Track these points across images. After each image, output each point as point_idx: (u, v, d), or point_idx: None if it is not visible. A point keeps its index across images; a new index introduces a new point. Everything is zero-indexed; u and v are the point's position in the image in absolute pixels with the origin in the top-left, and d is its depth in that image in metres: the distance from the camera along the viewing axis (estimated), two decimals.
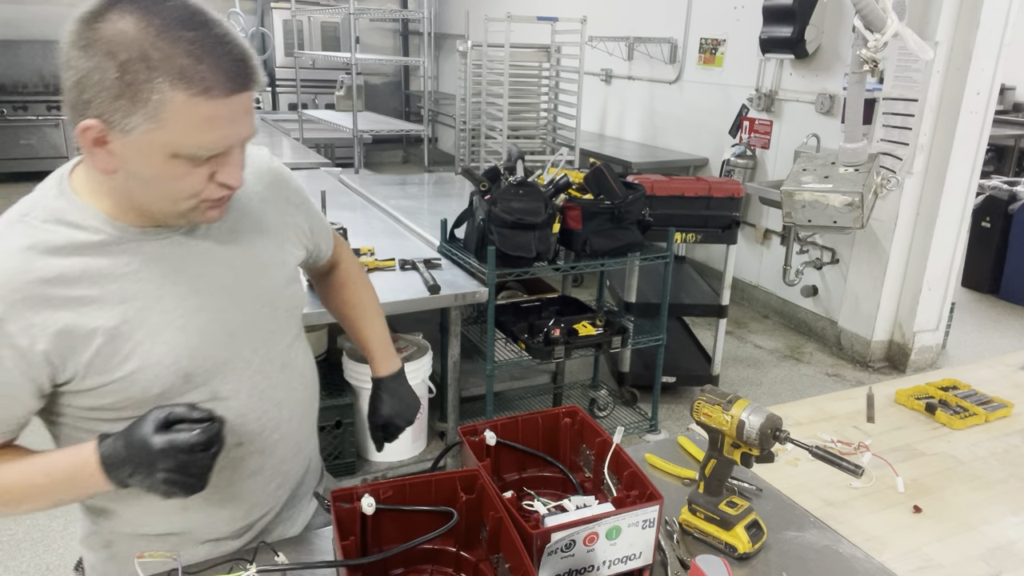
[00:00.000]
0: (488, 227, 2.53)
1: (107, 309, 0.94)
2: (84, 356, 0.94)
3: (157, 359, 0.97)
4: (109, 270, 0.95)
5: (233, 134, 0.90)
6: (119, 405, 0.98)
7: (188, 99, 0.83)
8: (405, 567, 1.07)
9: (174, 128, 0.85)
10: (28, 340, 0.90)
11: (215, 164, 0.92)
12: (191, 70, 0.83)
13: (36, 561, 2.42)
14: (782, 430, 1.13)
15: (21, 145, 7.46)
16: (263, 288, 1.10)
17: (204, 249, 1.03)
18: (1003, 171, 6.58)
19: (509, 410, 3.27)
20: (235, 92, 0.87)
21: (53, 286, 0.92)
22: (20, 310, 0.90)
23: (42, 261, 0.92)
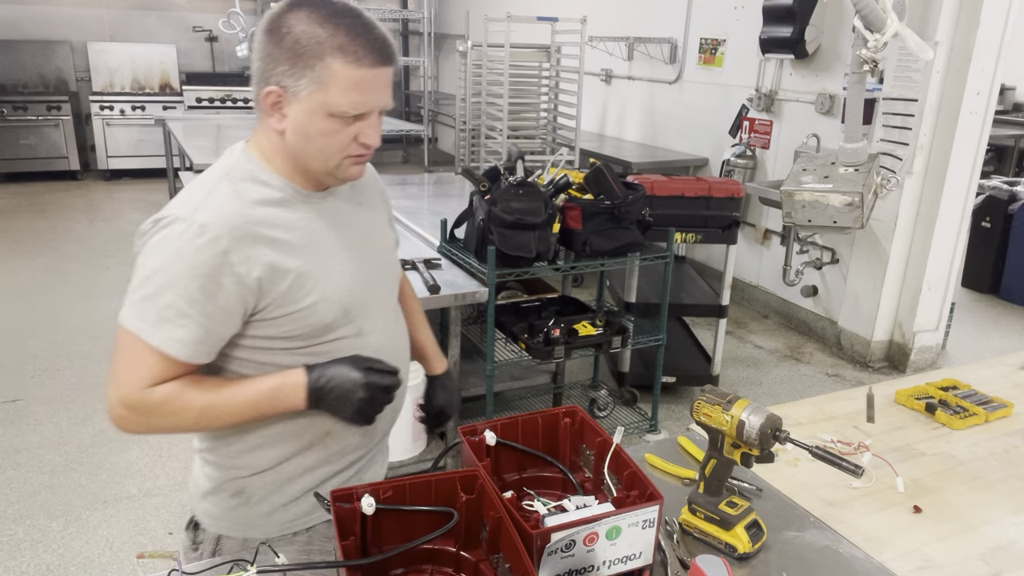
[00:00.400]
0: (488, 227, 2.53)
1: (296, 251, 1.16)
2: (281, 287, 1.13)
3: (328, 294, 1.18)
4: (292, 221, 1.17)
5: (374, 100, 1.12)
6: (295, 333, 1.17)
7: (344, 66, 1.07)
8: (405, 567, 1.07)
9: (332, 89, 1.08)
10: (246, 268, 1.10)
11: (359, 126, 1.13)
12: (348, 44, 1.07)
13: (36, 561, 2.42)
14: (782, 430, 1.13)
15: (21, 145, 7.46)
16: (383, 249, 1.36)
17: (347, 211, 1.27)
18: (1003, 171, 6.58)
19: (509, 410, 3.27)
20: (378, 65, 1.10)
21: (262, 227, 1.13)
22: (241, 244, 1.10)
23: (250, 207, 1.13)
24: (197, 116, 7.24)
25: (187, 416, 1.13)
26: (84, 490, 2.78)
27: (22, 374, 3.65)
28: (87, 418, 3.27)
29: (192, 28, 8.43)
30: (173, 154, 6.33)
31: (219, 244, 1.08)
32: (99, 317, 4.35)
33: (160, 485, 2.82)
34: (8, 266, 5.17)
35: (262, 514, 1.27)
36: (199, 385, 1.13)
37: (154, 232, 1.10)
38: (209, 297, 1.09)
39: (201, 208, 1.10)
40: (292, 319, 1.16)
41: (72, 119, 7.56)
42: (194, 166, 4.34)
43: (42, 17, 7.83)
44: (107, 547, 2.49)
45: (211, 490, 1.28)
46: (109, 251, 5.56)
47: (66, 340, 4.03)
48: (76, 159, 7.69)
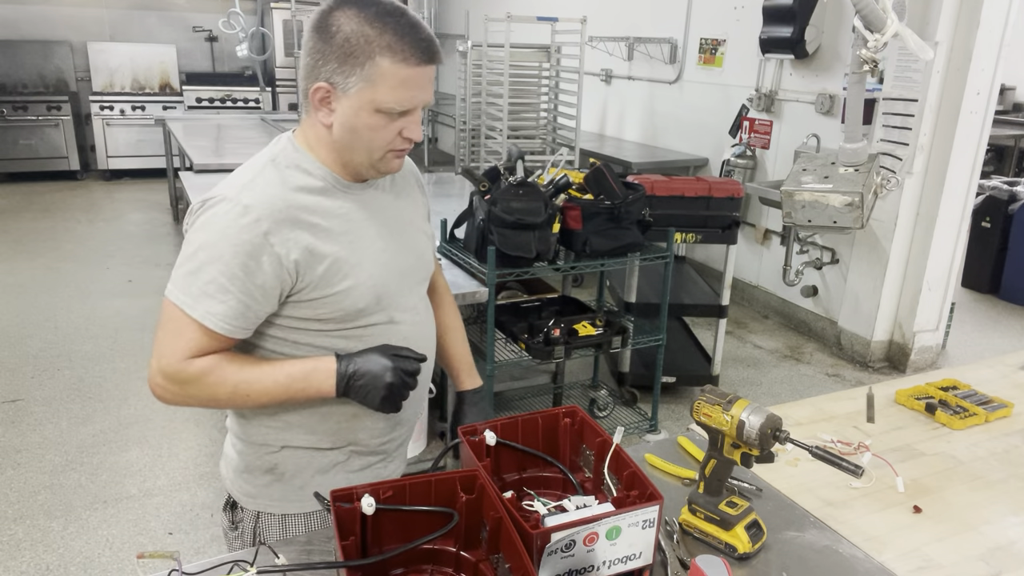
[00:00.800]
0: (488, 227, 2.53)
1: (333, 237, 1.20)
2: (318, 271, 1.18)
3: (362, 281, 1.22)
4: (332, 209, 1.21)
5: (420, 96, 1.17)
6: (328, 316, 1.21)
7: (392, 64, 1.11)
8: (405, 567, 1.07)
9: (380, 87, 1.12)
10: (285, 250, 1.14)
11: (403, 121, 1.17)
12: (396, 44, 1.11)
13: (36, 561, 2.42)
14: (782, 430, 1.13)
15: (21, 145, 7.46)
16: (417, 242, 1.38)
17: (386, 203, 1.31)
18: (1003, 171, 6.58)
19: (509, 410, 3.27)
20: (424, 63, 1.14)
21: (302, 212, 1.17)
22: (281, 227, 1.14)
23: (291, 193, 1.18)
24: (197, 116, 7.24)
25: (222, 390, 1.17)
26: (84, 490, 2.78)
27: (22, 374, 3.65)
28: (87, 418, 3.27)
29: (192, 28, 8.43)
30: (173, 154, 6.33)
31: (261, 225, 1.13)
32: (99, 317, 4.35)
33: (160, 485, 2.82)
34: (8, 266, 5.17)
35: (296, 488, 1.31)
36: (236, 361, 1.18)
37: (203, 211, 1.15)
38: (249, 275, 1.13)
39: (247, 190, 1.16)
40: (326, 302, 1.20)
41: (72, 119, 7.56)
42: (194, 166, 4.34)
43: (42, 17, 7.83)
44: (107, 547, 2.49)
45: (244, 468, 1.32)
46: (109, 251, 5.56)
47: (66, 340, 4.03)
48: (76, 159, 7.69)
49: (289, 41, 7.97)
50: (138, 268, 5.20)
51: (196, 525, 2.61)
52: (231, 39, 7.52)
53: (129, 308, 4.52)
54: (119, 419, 3.27)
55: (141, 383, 3.59)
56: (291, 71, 7.89)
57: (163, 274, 5.08)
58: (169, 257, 5.46)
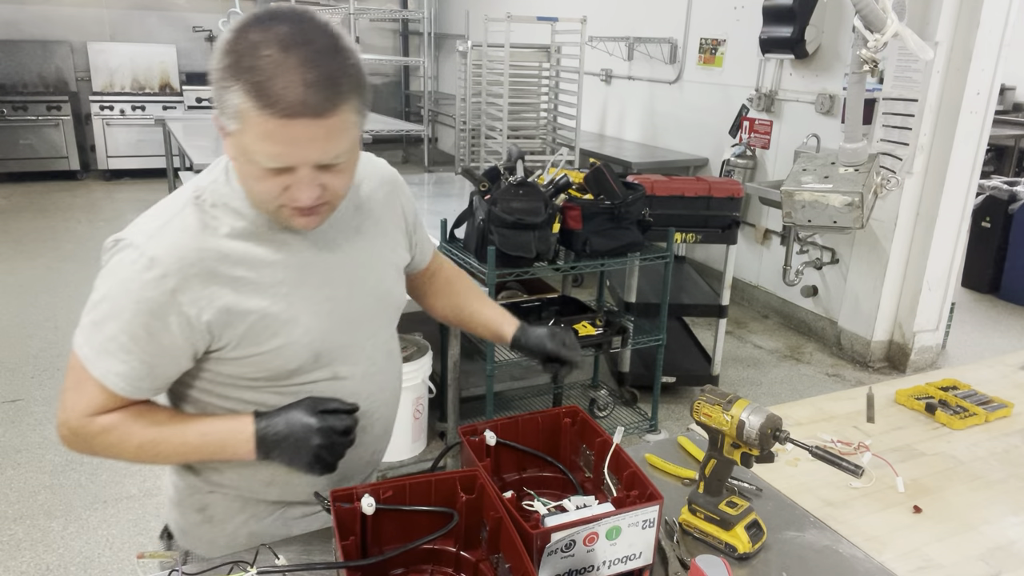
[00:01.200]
0: (488, 227, 2.53)
1: (261, 291, 1.06)
2: (239, 329, 1.05)
3: (296, 338, 1.09)
4: (263, 257, 1.07)
5: (293, 155, 0.95)
6: (257, 375, 1.09)
7: (256, 111, 0.91)
8: (405, 567, 1.07)
9: (248, 135, 0.94)
10: (196, 310, 1.02)
11: (287, 179, 0.97)
12: (263, 86, 0.90)
13: (36, 561, 2.42)
14: (782, 430, 1.13)
15: (21, 145, 7.46)
16: (378, 284, 1.22)
17: (337, 243, 1.15)
18: (1003, 171, 6.57)
19: (509, 410, 3.27)
20: (296, 116, 0.91)
21: (221, 264, 1.03)
22: (192, 284, 1.01)
23: (213, 241, 1.03)
24: (197, 116, 7.24)
25: (127, 449, 1.07)
26: (84, 490, 2.78)
27: (22, 374, 3.65)
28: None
29: (192, 28, 8.43)
30: (173, 154, 6.32)
31: (167, 282, 1.00)
32: None
33: (160, 485, 2.82)
34: (8, 266, 5.17)
35: (226, 534, 1.21)
36: (144, 418, 1.07)
37: (112, 253, 1.03)
38: (153, 336, 1.01)
39: (156, 237, 1.01)
40: (252, 362, 1.08)
41: (72, 119, 7.56)
42: (194, 166, 4.34)
43: (42, 17, 7.83)
44: (107, 547, 2.49)
45: (177, 501, 1.24)
46: None
47: (66, 340, 4.03)
48: (76, 159, 7.68)
49: None
50: None
51: None
52: None
53: None
54: None
55: None
56: None
57: None
58: None
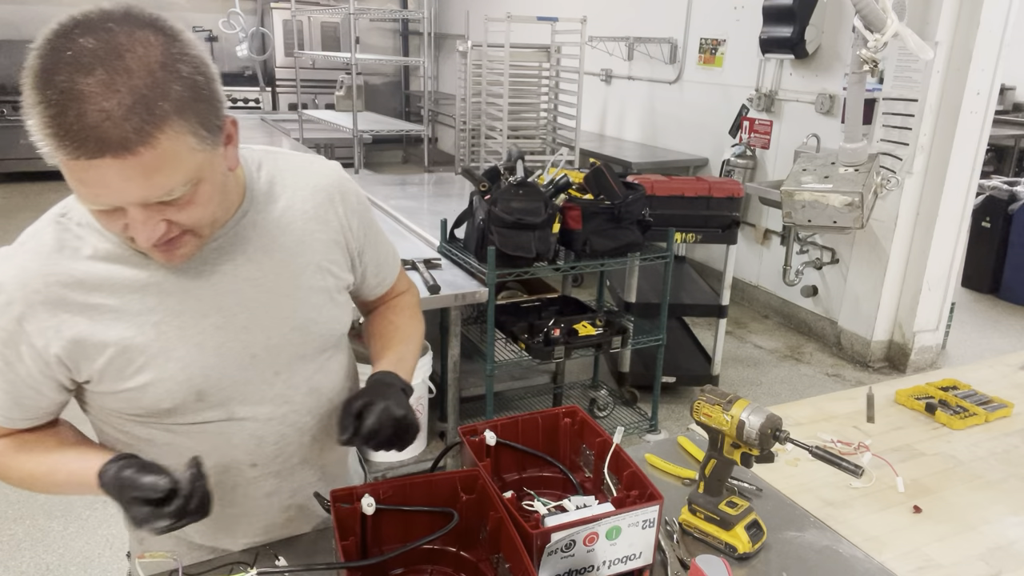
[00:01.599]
0: (488, 227, 2.53)
1: (124, 320, 0.94)
2: (97, 364, 0.95)
3: (169, 374, 0.97)
4: (130, 280, 0.95)
5: (108, 196, 0.80)
6: (133, 412, 1.00)
7: (54, 150, 0.77)
8: (405, 567, 1.07)
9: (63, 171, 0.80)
10: (43, 341, 0.93)
11: (121, 217, 0.84)
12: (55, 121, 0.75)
13: (36, 561, 2.42)
14: (782, 430, 1.13)
15: (21, 145, 7.45)
16: (294, 310, 1.05)
17: (235, 267, 1.00)
18: (1003, 171, 6.57)
19: (509, 410, 3.27)
20: (94, 156, 0.76)
21: (72, 291, 0.93)
22: (38, 311, 0.92)
23: (66, 264, 0.93)
24: None
25: (12, 479, 1.02)
26: None
27: None
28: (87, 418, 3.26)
29: (192, 28, 8.42)
30: None
31: (13, 310, 0.91)
32: None
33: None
34: None
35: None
36: (26, 448, 1.00)
37: None
38: (10, 366, 0.95)
39: (6, 261, 0.93)
40: (120, 398, 0.98)
41: None
42: None
43: (42, 17, 7.73)
44: (107, 547, 2.49)
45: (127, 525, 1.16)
46: None
47: None
48: None
49: (289, 41, 7.97)
50: None
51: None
52: (231, 39, 7.51)
53: None
54: None
55: None
56: (291, 71, 7.86)
57: None
58: None
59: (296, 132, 5.99)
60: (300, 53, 6.11)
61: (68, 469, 0.98)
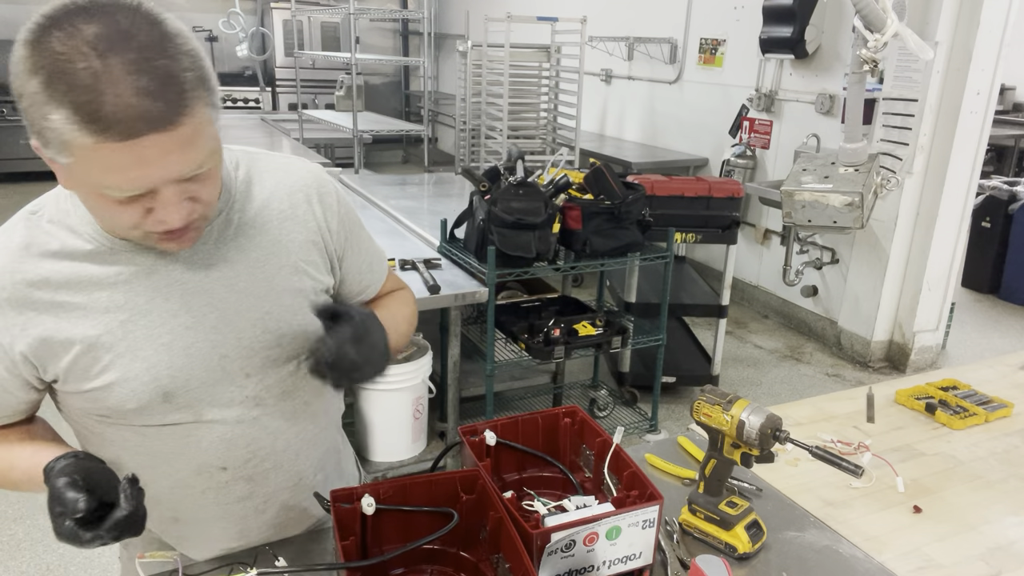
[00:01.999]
0: (488, 227, 2.53)
1: (90, 318, 0.93)
2: (62, 362, 0.94)
3: (135, 374, 0.95)
4: (98, 278, 0.93)
5: (146, 177, 0.80)
6: (99, 412, 0.98)
7: (91, 139, 0.75)
8: (405, 567, 1.07)
9: (88, 166, 0.78)
10: (8, 339, 0.92)
11: (148, 201, 0.83)
12: (91, 108, 0.74)
13: (36, 561, 2.42)
14: (782, 430, 1.13)
15: (21, 145, 7.46)
16: (268, 312, 1.02)
17: (207, 265, 0.98)
18: (1003, 171, 6.57)
19: (509, 410, 3.27)
20: (140, 135, 0.76)
21: (38, 289, 0.92)
22: (3, 309, 0.91)
23: (33, 263, 0.92)
24: None
25: None
26: None
27: None
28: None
29: (192, 28, 8.40)
30: None
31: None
32: None
33: None
34: None
35: None
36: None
37: None
38: None
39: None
40: (87, 397, 0.96)
41: None
42: None
43: None
44: (107, 547, 2.49)
45: None
46: None
47: None
48: None
49: (289, 41, 7.97)
50: None
51: None
52: (231, 39, 7.51)
53: None
54: None
55: None
56: (291, 71, 7.86)
57: None
58: None
59: (296, 132, 5.99)
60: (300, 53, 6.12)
61: (24, 466, 0.95)
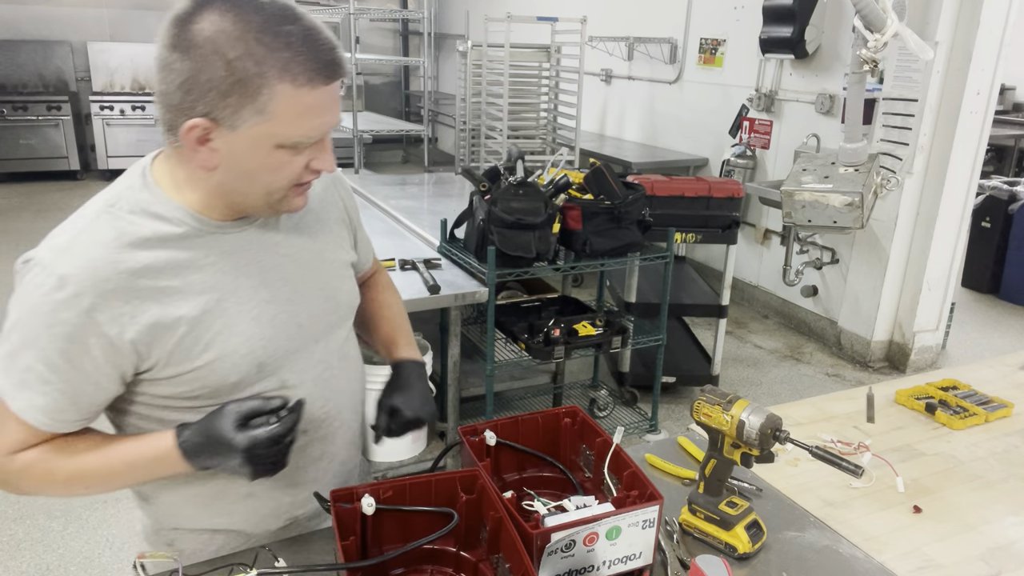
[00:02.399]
0: (488, 227, 2.53)
1: (190, 300, 0.98)
2: (168, 345, 0.97)
3: (233, 348, 1.01)
4: (191, 261, 0.99)
5: (329, 121, 0.95)
6: (195, 393, 1.02)
7: (294, 90, 0.89)
8: (405, 567, 1.07)
9: (281, 119, 0.90)
10: (117, 329, 0.94)
11: (311, 152, 0.97)
12: (294, 63, 0.88)
13: (36, 561, 2.42)
14: (782, 430, 1.13)
15: (21, 145, 7.46)
16: (325, 282, 1.14)
17: (275, 243, 1.08)
18: (1003, 171, 6.58)
19: (509, 410, 3.27)
20: (331, 80, 0.92)
21: (141, 277, 0.95)
22: (110, 300, 0.93)
23: (130, 253, 0.95)
24: None
25: (55, 484, 1.01)
26: None
27: None
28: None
29: None
30: None
31: (81, 302, 0.91)
32: None
33: None
34: (8, 266, 5.16)
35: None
36: (66, 451, 0.99)
37: (21, 275, 0.94)
38: (72, 362, 0.94)
39: (65, 253, 0.93)
40: (186, 379, 1.00)
41: (72, 119, 7.56)
42: None
43: (42, 17, 7.83)
44: (107, 547, 2.49)
45: (147, 536, 1.18)
46: None
47: None
48: (76, 159, 7.69)
49: None
50: None
51: None
52: None
53: None
54: None
55: None
56: None
57: None
58: None
59: None
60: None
61: (125, 458, 1.00)
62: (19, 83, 7.72)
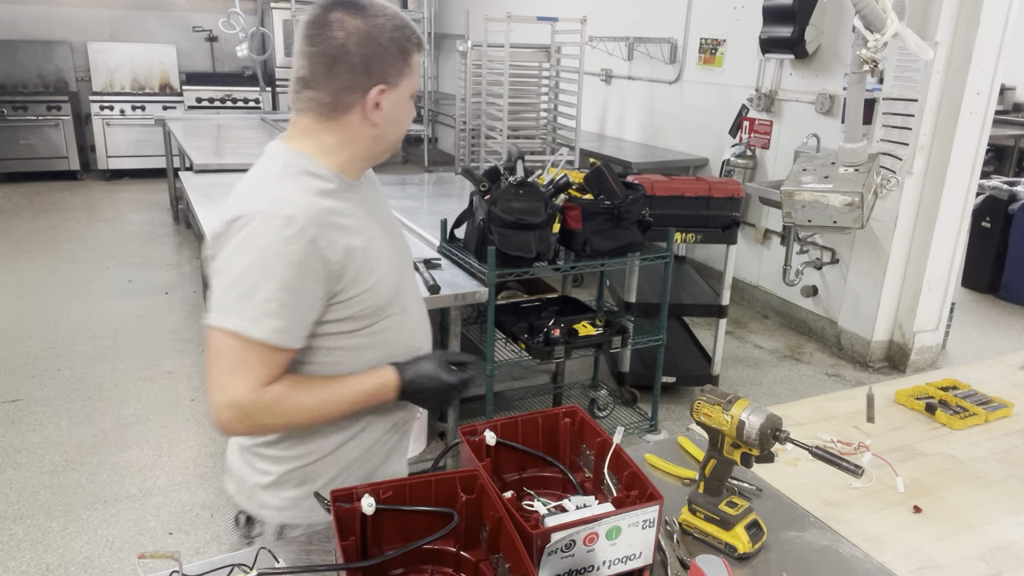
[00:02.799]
0: (488, 227, 2.53)
1: (356, 235, 1.22)
2: (353, 267, 1.20)
3: (384, 272, 1.26)
4: (347, 208, 1.23)
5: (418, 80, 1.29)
6: (362, 314, 1.23)
7: (418, 52, 1.25)
8: (405, 567, 1.07)
9: (416, 74, 1.25)
10: (330, 252, 1.16)
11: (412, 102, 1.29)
12: (415, 35, 1.24)
13: (36, 561, 2.42)
14: (782, 430, 1.13)
15: (21, 145, 7.46)
16: (400, 232, 1.43)
17: (376, 199, 1.37)
18: (1003, 171, 6.58)
19: (509, 410, 3.27)
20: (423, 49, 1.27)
21: (332, 215, 1.19)
22: (324, 231, 1.16)
23: (319, 199, 1.19)
24: (197, 116, 7.24)
25: (301, 414, 1.22)
26: (84, 490, 2.78)
27: (22, 374, 3.64)
28: (87, 418, 3.26)
29: (192, 28, 8.43)
30: (173, 154, 6.33)
31: (306, 233, 1.14)
32: (99, 317, 4.35)
33: (160, 485, 2.82)
34: (8, 266, 5.17)
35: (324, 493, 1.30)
36: (305, 385, 1.21)
37: (237, 231, 1.14)
38: (304, 284, 1.15)
39: (281, 201, 1.16)
40: (360, 300, 1.23)
41: (72, 119, 7.56)
42: (194, 166, 4.34)
43: (42, 17, 7.83)
44: (107, 547, 2.49)
45: (272, 484, 1.30)
46: (109, 251, 5.56)
47: (66, 340, 4.03)
48: (76, 159, 7.69)
49: (289, 41, 7.96)
50: (138, 268, 5.20)
51: (196, 525, 2.61)
52: (231, 39, 7.51)
53: (129, 308, 4.52)
54: (119, 419, 3.27)
55: (141, 383, 3.59)
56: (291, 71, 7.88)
57: (163, 274, 5.09)
58: (169, 257, 5.46)
59: None
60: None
61: (355, 389, 1.25)
62: (19, 83, 7.71)
